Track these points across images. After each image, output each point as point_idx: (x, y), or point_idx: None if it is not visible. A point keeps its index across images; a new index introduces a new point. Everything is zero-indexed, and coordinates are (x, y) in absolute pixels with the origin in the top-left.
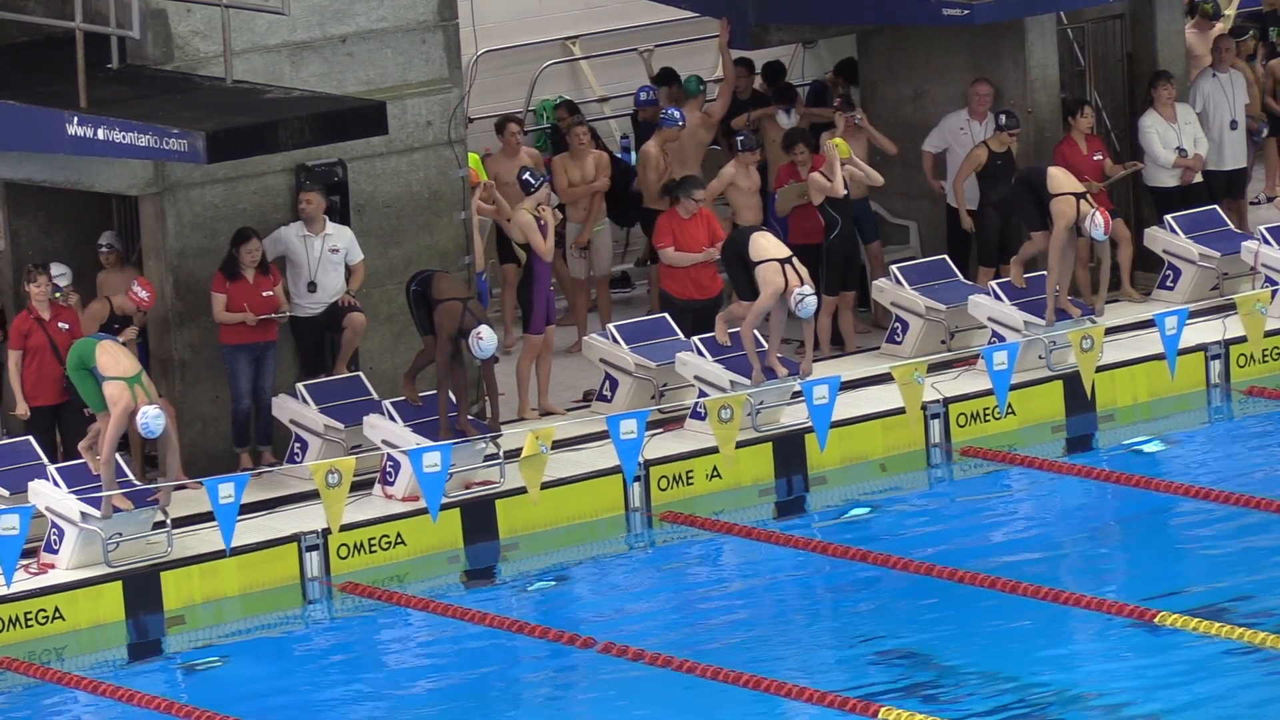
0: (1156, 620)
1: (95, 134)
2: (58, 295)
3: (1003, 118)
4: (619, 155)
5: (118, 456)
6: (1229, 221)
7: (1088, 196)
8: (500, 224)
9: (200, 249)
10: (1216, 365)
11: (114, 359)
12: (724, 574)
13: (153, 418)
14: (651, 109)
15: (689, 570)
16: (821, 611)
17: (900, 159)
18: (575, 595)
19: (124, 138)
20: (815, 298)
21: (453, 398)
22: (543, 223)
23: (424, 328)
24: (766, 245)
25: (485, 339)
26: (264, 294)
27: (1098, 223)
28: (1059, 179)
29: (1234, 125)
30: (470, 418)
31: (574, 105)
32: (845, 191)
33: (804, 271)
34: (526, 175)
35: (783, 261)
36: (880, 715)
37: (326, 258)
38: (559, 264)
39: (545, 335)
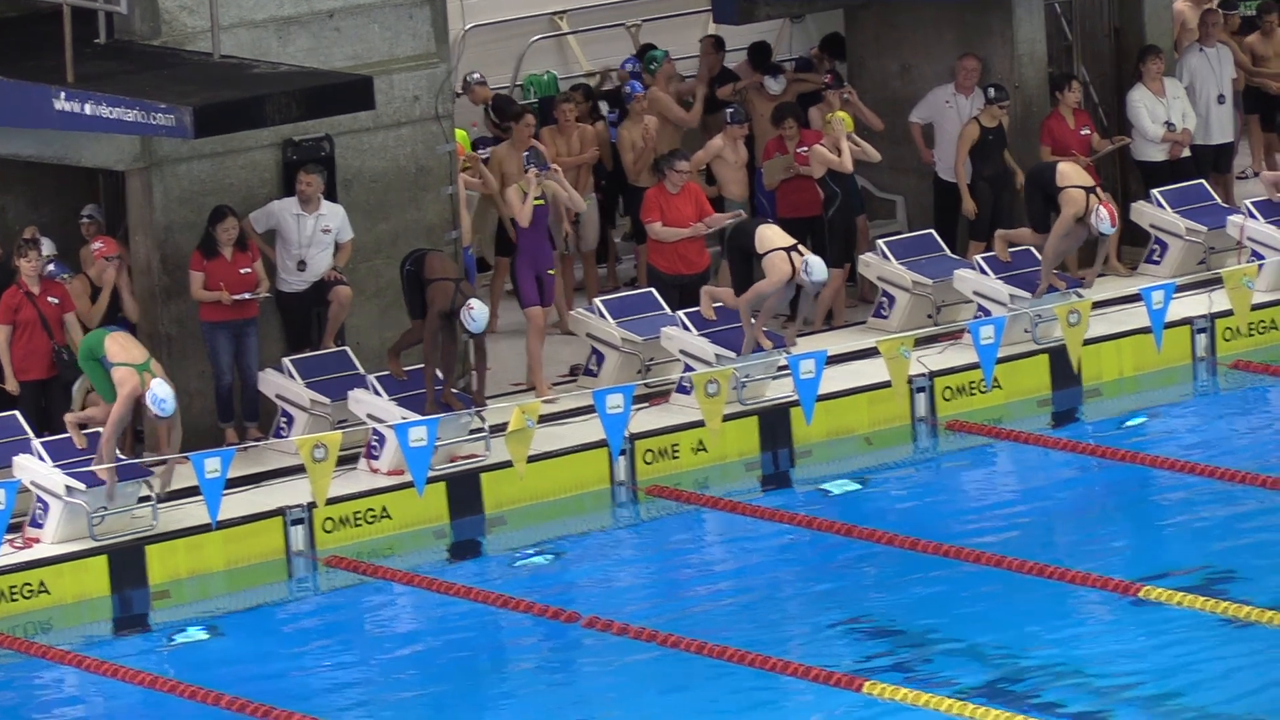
0: (1142, 594)
1: (83, 109)
2: (66, 277)
3: (991, 91)
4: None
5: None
6: (1216, 196)
7: (1097, 191)
8: (497, 201)
9: (187, 224)
10: (1202, 339)
11: (123, 347)
12: (709, 548)
13: (165, 395)
14: (619, 78)
15: (674, 544)
16: (806, 586)
17: (887, 134)
18: (560, 569)
19: (111, 113)
20: (824, 266)
21: (439, 374)
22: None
23: (414, 310)
24: (772, 236)
25: (476, 310)
26: (242, 271)
27: (1103, 216)
28: (1069, 174)
29: (1221, 100)
30: (455, 391)
31: (590, 90)
32: (851, 167)
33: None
34: (527, 153)
35: (789, 249)
36: (865, 689)
37: (318, 237)
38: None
39: (535, 315)
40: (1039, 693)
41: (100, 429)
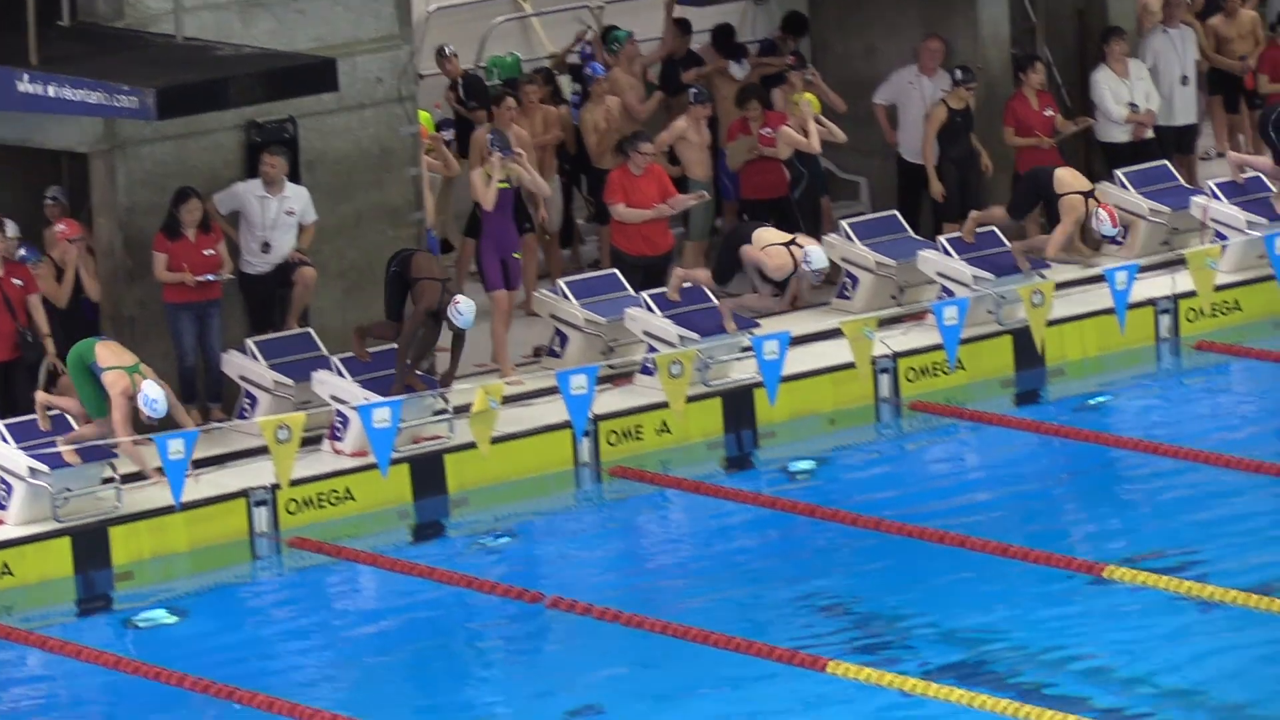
0: (1105, 574)
1: (46, 91)
2: (35, 261)
3: (959, 73)
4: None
5: (69, 417)
6: (1179, 177)
7: (1095, 194)
8: (474, 184)
9: (150, 206)
10: (1166, 320)
11: (112, 352)
12: (673, 529)
13: (156, 395)
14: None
15: (638, 525)
16: (770, 566)
17: (850, 115)
18: (524, 550)
19: (75, 94)
20: (824, 254)
21: (409, 361)
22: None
23: (392, 312)
24: (769, 235)
25: (463, 305)
26: (205, 253)
27: (1103, 218)
28: (1067, 180)
29: (1185, 81)
30: (419, 374)
31: (550, 73)
32: (819, 148)
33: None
34: (491, 136)
35: (788, 244)
36: (829, 669)
37: (282, 219)
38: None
39: (500, 298)
40: (1002, 672)
41: (69, 415)
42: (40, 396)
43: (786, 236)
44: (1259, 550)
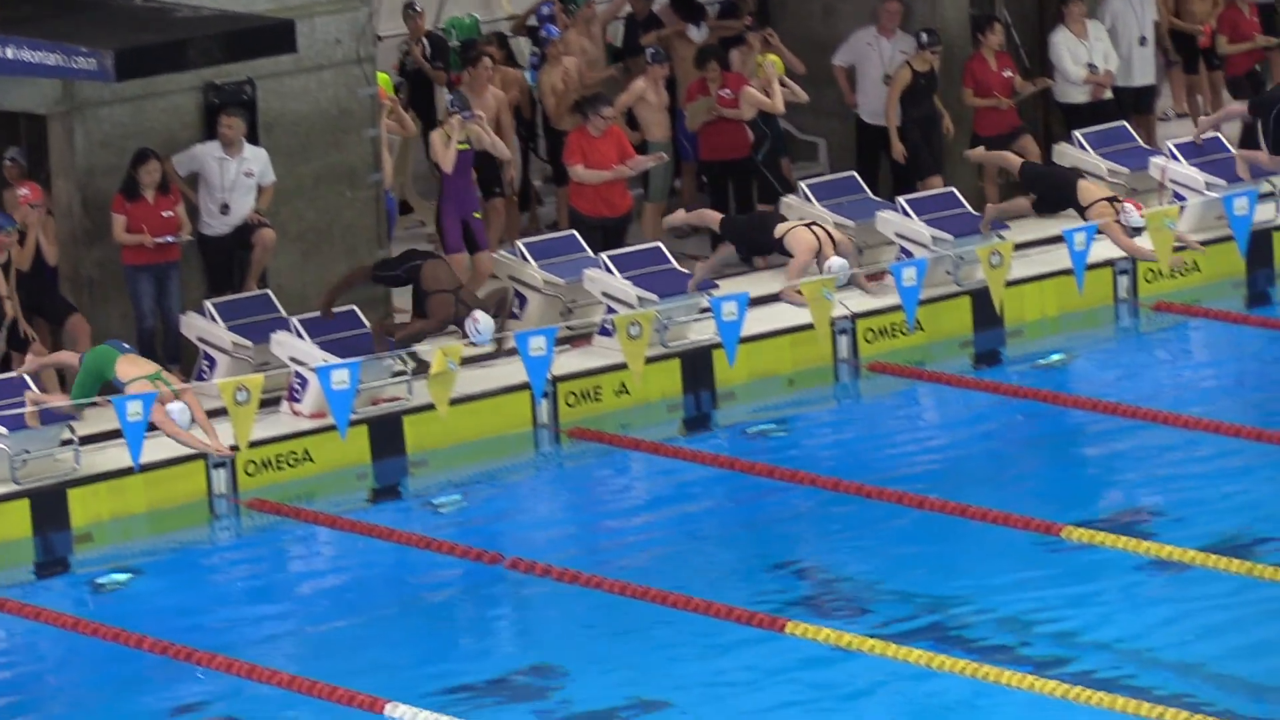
0: (1063, 535)
1: (4, 52)
2: (10, 230)
3: (924, 36)
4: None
5: (27, 378)
6: (1137, 138)
7: (1118, 197)
8: (434, 145)
9: (109, 167)
10: (1124, 280)
11: (133, 363)
12: (632, 490)
13: (178, 412)
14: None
15: (597, 486)
16: (729, 527)
17: (809, 77)
18: (483, 511)
19: (32, 56)
20: (848, 266)
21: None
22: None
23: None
24: (790, 219)
25: (481, 323)
26: (164, 214)
27: (1131, 212)
28: (1090, 190)
29: (1143, 42)
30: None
31: (504, 39)
32: (783, 108)
33: (836, 234)
34: (451, 97)
35: (809, 225)
36: (788, 630)
37: (241, 180)
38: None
39: (478, 260)
40: (960, 632)
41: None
42: (31, 364)
43: (817, 238)
44: (1217, 510)
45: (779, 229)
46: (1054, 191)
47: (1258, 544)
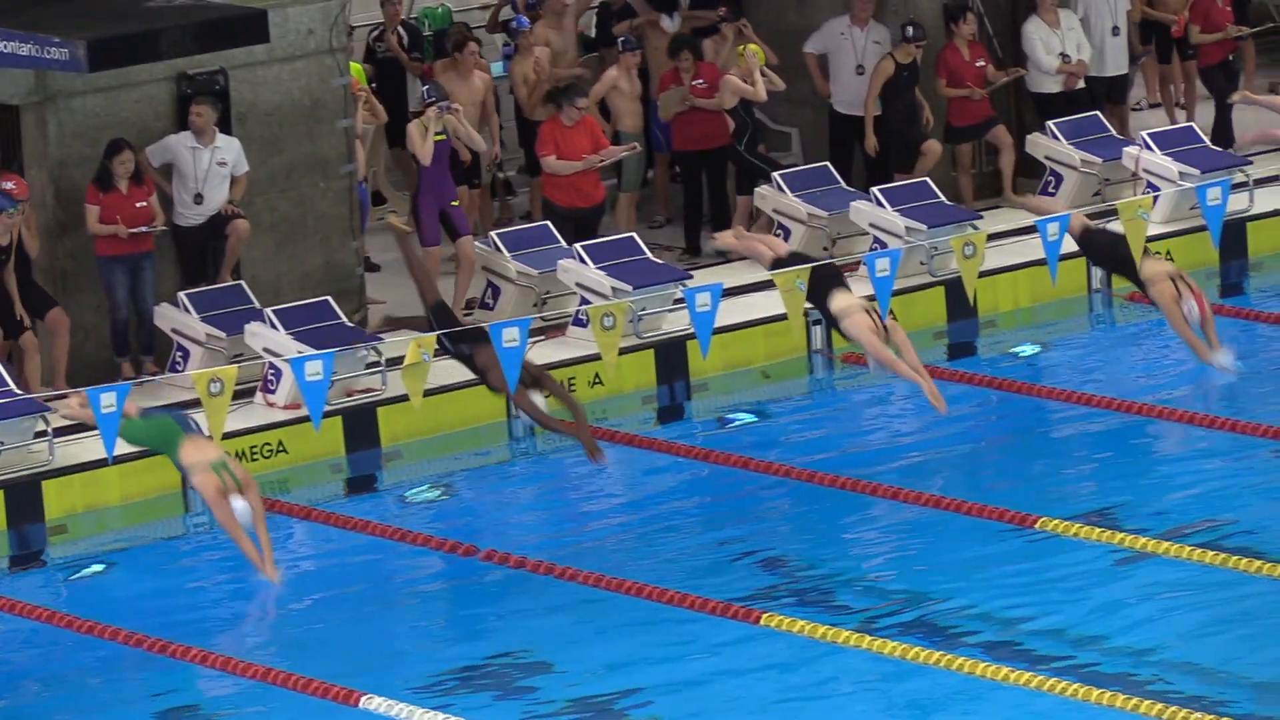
0: (1037, 526)
1: None
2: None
3: (910, 29)
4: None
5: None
6: (1110, 127)
7: (1182, 275)
8: (411, 137)
9: (82, 158)
10: (1098, 271)
11: (198, 448)
12: (607, 481)
13: (243, 513)
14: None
15: (571, 477)
16: (704, 518)
17: (782, 66)
18: (457, 503)
19: (5, 47)
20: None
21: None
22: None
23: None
24: (850, 294)
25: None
26: (138, 205)
27: (1192, 309)
28: (1154, 271)
29: (1116, 31)
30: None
31: (466, 28)
32: (765, 96)
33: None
34: (428, 88)
35: (866, 308)
36: (763, 621)
37: (214, 170)
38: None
39: (461, 246)
40: (935, 624)
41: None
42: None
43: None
44: (1192, 502)
45: (836, 303)
46: (1121, 263)
47: (1232, 535)
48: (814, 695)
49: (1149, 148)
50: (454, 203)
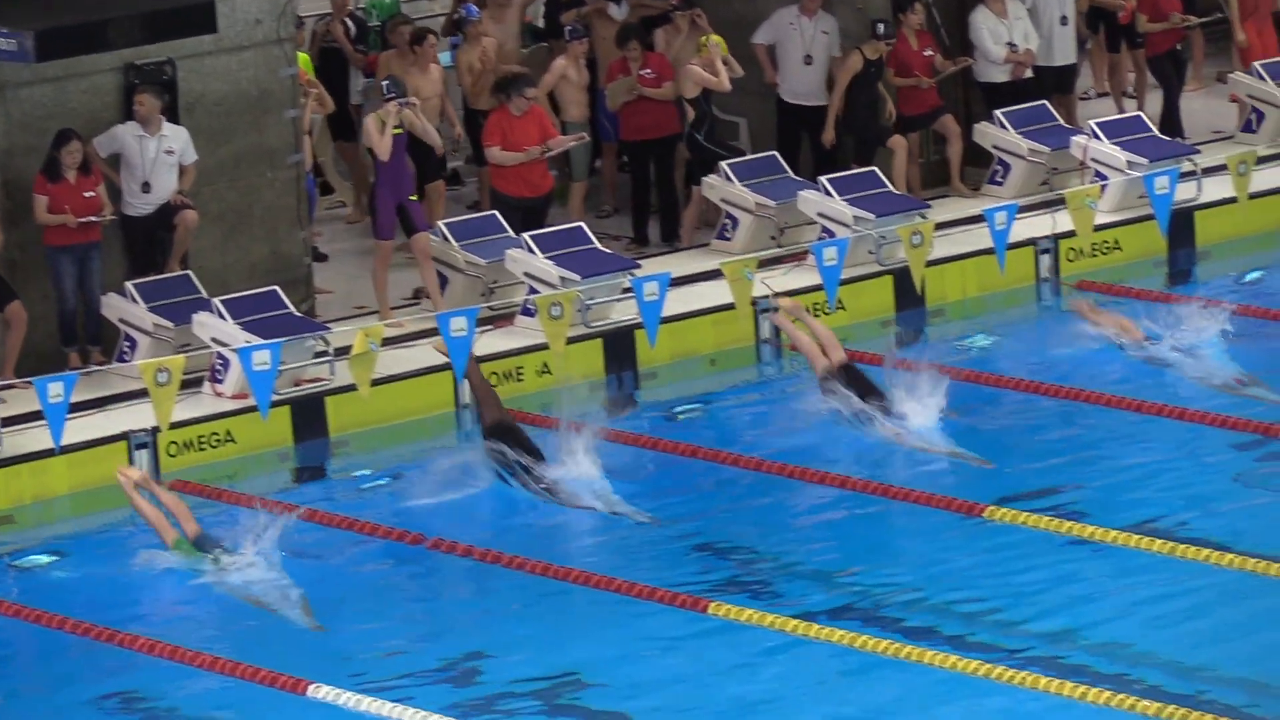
0: (986, 514)
1: None
2: None
3: (880, 27)
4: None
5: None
6: (1058, 117)
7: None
8: (369, 131)
9: (29, 148)
10: (1046, 260)
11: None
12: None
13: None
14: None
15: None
16: (652, 507)
17: (733, 56)
18: (405, 492)
19: None
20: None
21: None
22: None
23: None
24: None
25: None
26: (86, 195)
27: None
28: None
29: (1064, 21)
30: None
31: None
32: (729, 87)
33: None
34: (386, 82)
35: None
36: (710, 610)
37: (161, 159)
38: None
39: (417, 241)
40: (883, 612)
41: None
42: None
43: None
44: (1139, 490)
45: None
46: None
47: (1180, 524)
48: (760, 682)
49: (1097, 136)
50: (412, 196)
